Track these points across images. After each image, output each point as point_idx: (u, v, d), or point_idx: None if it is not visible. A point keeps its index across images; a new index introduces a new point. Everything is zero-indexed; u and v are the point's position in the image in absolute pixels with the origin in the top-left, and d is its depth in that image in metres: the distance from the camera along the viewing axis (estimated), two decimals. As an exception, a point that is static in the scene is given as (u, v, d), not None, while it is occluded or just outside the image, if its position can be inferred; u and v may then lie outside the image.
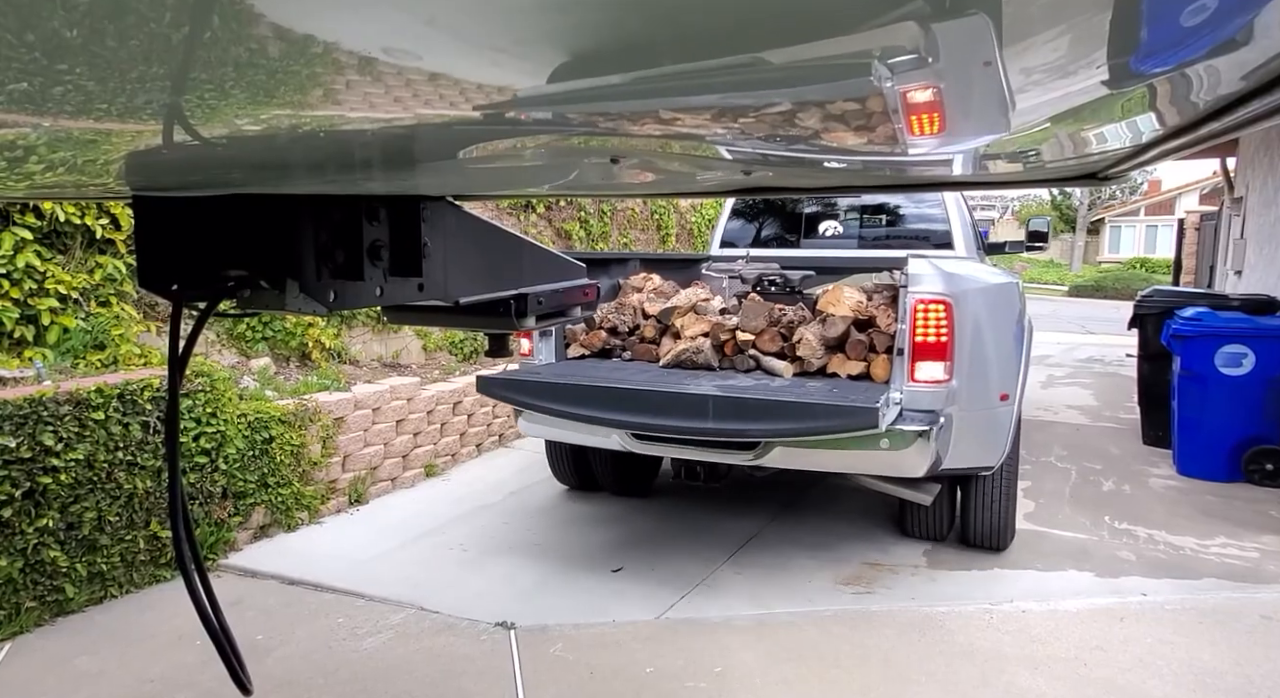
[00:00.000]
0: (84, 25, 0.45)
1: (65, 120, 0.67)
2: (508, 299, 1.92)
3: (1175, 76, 0.61)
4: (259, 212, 1.37)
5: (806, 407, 3.34)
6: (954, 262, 3.98)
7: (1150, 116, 0.74)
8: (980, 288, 3.77)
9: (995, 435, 3.83)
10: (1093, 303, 22.85)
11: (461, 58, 0.52)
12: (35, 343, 4.30)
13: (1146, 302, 6.34)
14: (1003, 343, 3.84)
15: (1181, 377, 5.60)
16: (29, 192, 2.07)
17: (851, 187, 1.42)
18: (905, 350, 3.55)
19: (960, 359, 3.54)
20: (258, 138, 0.78)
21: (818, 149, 0.92)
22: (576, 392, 3.72)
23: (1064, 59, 0.57)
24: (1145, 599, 3.76)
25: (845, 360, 3.98)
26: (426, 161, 0.99)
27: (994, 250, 6.41)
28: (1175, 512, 4.95)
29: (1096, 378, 9.98)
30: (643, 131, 0.78)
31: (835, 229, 5.99)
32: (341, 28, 0.46)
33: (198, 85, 0.58)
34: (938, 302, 3.50)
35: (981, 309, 3.70)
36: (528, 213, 8.94)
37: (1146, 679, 3.06)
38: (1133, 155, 0.89)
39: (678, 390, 3.56)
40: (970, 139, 0.91)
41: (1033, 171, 1.09)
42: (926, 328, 3.50)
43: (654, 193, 2.88)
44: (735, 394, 3.48)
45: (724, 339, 4.18)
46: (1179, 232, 16.09)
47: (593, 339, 4.53)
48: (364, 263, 1.46)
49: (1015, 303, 4.08)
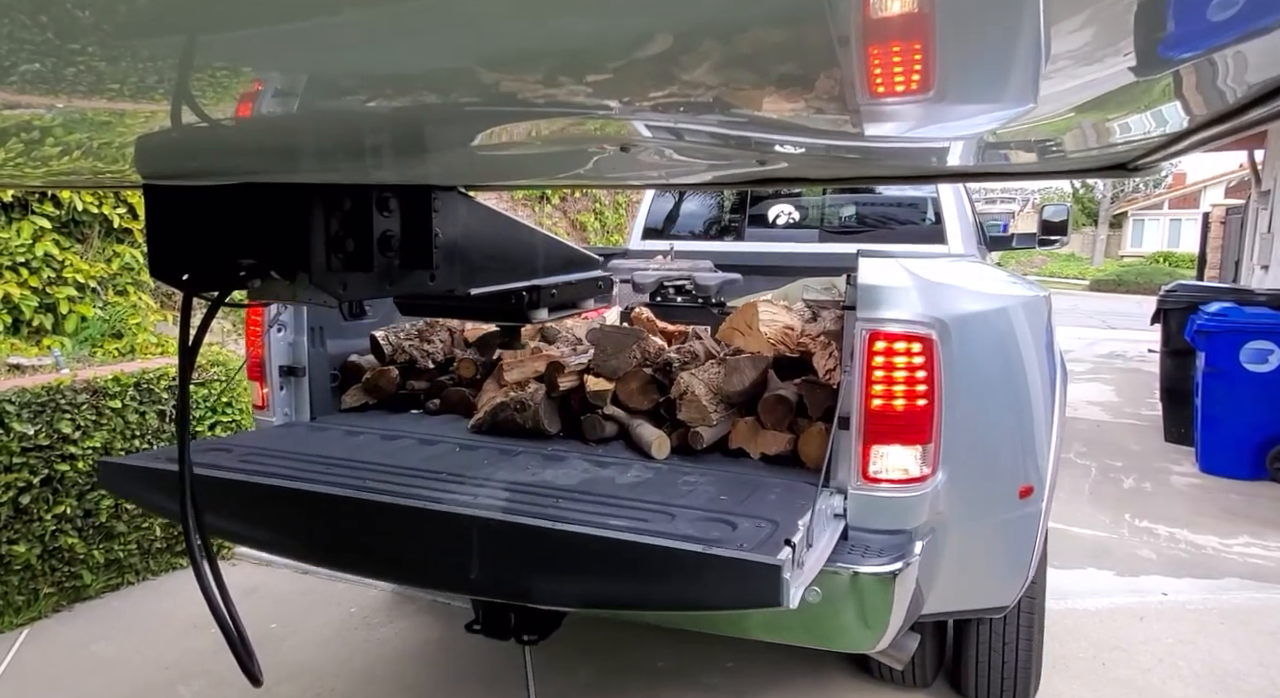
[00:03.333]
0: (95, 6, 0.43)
1: (79, 100, 0.66)
2: (520, 290, 1.90)
3: (1218, 58, 0.58)
4: (270, 201, 1.36)
5: (641, 556, 1.67)
6: (942, 265, 2.33)
7: (1182, 105, 0.71)
8: (986, 311, 2.22)
9: (1012, 556, 2.34)
10: (1114, 297, 22.58)
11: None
12: (54, 331, 4.34)
13: (1170, 296, 6.23)
14: (1023, 401, 2.27)
15: (1205, 373, 5.51)
16: (46, 179, 2.08)
17: (870, 177, 1.39)
18: (855, 422, 1.99)
19: (953, 435, 2.01)
20: (267, 120, 0.76)
21: (762, 125, 0.77)
22: (246, 495, 2.10)
23: (1090, 46, 0.54)
24: (1166, 599, 3.71)
25: (757, 429, 2.36)
26: (435, 147, 0.97)
27: (999, 245, 5.15)
28: (1197, 510, 4.88)
29: (1118, 374, 9.86)
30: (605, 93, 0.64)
31: (790, 216, 4.55)
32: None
33: (206, 65, 0.57)
34: (910, 337, 1.95)
35: (988, 346, 2.18)
36: (542, 204, 8.93)
37: (1166, 680, 3.02)
38: (1164, 145, 0.85)
39: (415, 505, 1.90)
40: (978, 111, 0.72)
41: (1055, 162, 1.05)
42: (891, 383, 1.96)
43: (667, 183, 2.82)
44: (519, 519, 1.80)
45: (567, 387, 2.56)
46: (1204, 225, 15.84)
47: (381, 379, 2.88)
48: (374, 253, 1.44)
49: (1042, 331, 2.44)
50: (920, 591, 2.00)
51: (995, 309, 2.27)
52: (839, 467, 2.01)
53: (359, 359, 2.97)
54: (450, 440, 2.50)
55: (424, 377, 2.98)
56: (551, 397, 2.58)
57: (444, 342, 3.11)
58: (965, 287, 2.24)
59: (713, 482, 2.12)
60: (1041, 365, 2.36)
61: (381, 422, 2.74)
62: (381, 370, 2.92)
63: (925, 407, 1.96)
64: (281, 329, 2.75)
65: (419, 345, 3.03)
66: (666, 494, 2.01)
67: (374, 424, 2.70)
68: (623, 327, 2.94)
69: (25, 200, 4.29)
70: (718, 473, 2.21)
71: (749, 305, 2.75)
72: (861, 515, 2.01)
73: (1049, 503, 2.41)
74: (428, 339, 3.07)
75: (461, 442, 2.49)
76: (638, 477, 2.16)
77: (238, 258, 1.43)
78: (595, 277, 2.19)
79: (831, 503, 2.01)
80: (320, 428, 2.68)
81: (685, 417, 2.37)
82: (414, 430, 2.60)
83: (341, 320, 2.91)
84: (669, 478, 2.15)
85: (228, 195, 1.37)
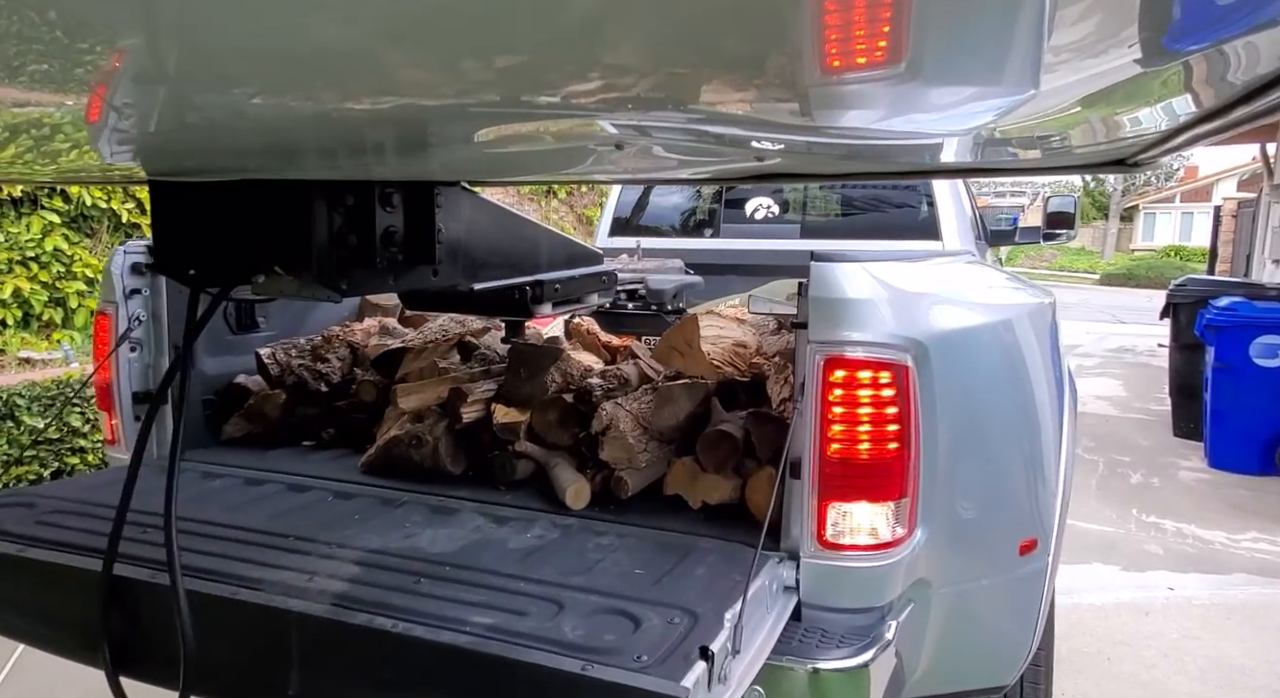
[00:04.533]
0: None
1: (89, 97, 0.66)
2: (523, 285, 1.91)
3: (1212, 54, 0.58)
4: (273, 197, 1.36)
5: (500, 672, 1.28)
6: (924, 268, 1.94)
7: (1184, 98, 0.70)
8: (976, 326, 1.81)
9: (1012, 625, 1.94)
10: (1124, 292, 22.46)
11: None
12: (63, 325, 4.38)
13: (1180, 290, 6.20)
14: (1024, 435, 1.86)
15: (1215, 368, 5.48)
16: (55, 175, 2.10)
17: (869, 173, 1.38)
18: (808, 471, 1.58)
19: (935, 483, 1.62)
20: (268, 117, 0.77)
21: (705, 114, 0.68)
22: (10, 572, 1.67)
23: (1092, 37, 0.54)
24: (1172, 594, 3.70)
25: (697, 473, 1.91)
26: (434, 144, 0.97)
27: (1001, 240, 4.69)
28: (1205, 505, 4.86)
29: (1127, 369, 9.81)
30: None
31: (769, 210, 4.15)
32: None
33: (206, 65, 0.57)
34: (878, 364, 1.54)
35: (980, 371, 1.77)
36: (549, 198, 8.94)
37: (1172, 675, 3.01)
38: (1164, 140, 0.84)
39: (220, 594, 1.47)
40: (964, 95, 0.63)
41: (1056, 157, 1.04)
42: (854, 423, 1.55)
43: (668, 179, 2.79)
44: (346, 617, 1.39)
45: (472, 418, 2.10)
46: (1215, 219, 15.72)
47: (265, 405, 2.42)
48: (377, 249, 1.45)
49: (1047, 348, 1.99)
50: (900, 674, 1.62)
51: (988, 324, 1.83)
52: (791, 525, 1.58)
53: (246, 381, 2.48)
54: (327, 485, 2.03)
55: (317, 401, 2.44)
56: (455, 429, 2.09)
57: (343, 360, 2.55)
58: (951, 295, 1.83)
59: (632, 545, 1.69)
60: (1046, 389, 1.92)
61: (258, 458, 2.23)
62: (266, 395, 2.41)
63: (898, 452, 1.52)
64: (136, 348, 2.24)
65: (311, 365, 2.49)
66: (566, 567, 1.56)
67: (247, 462, 2.21)
68: (539, 344, 2.34)
69: (35, 195, 4.32)
70: (642, 531, 1.76)
71: (689, 319, 2.21)
72: (819, 590, 1.57)
73: (1056, 557, 1.97)
74: (323, 357, 2.51)
75: (340, 487, 2.02)
76: (539, 538, 1.72)
77: (241, 254, 1.44)
78: (599, 271, 2.19)
79: (780, 574, 1.57)
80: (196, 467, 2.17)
81: (609, 457, 1.89)
82: (292, 470, 2.13)
83: (227, 334, 2.50)
84: (578, 540, 1.71)
85: (232, 191, 1.38)
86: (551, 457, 2.05)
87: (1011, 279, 2.29)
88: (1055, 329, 2.13)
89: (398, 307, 2.95)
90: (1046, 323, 2.06)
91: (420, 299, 2.00)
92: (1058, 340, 2.12)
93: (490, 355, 2.47)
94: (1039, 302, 2.09)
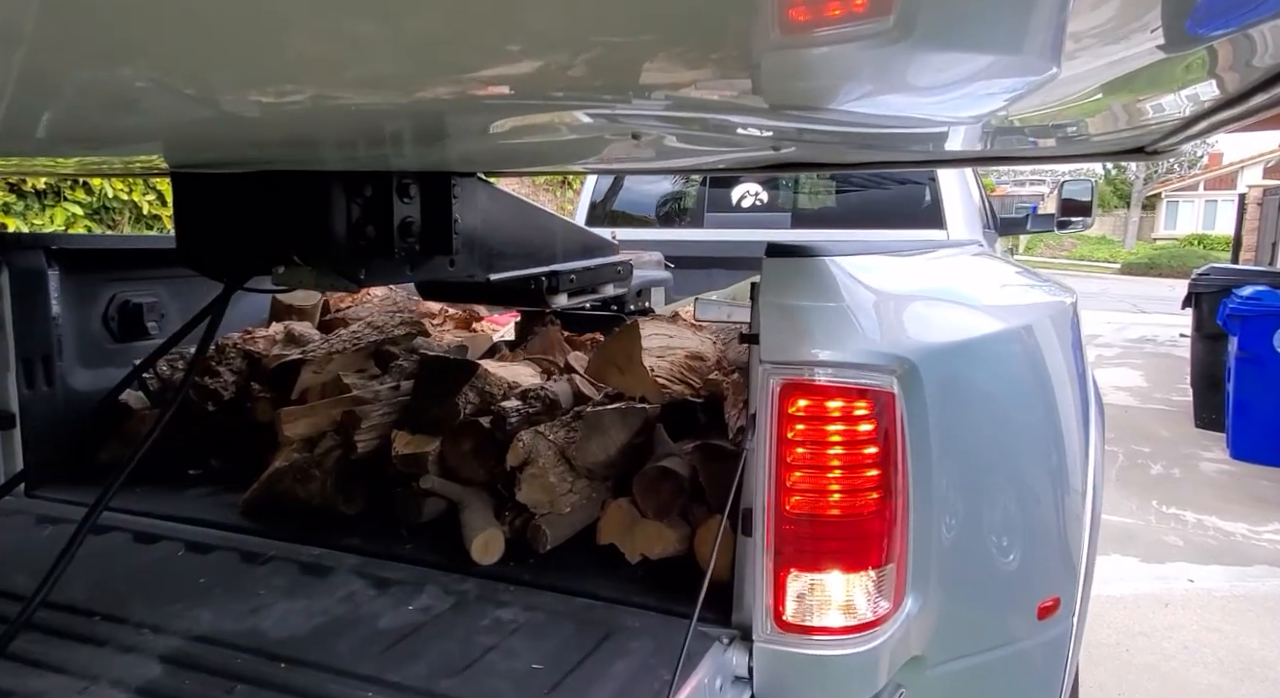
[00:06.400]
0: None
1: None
2: (539, 276, 1.92)
3: (1237, 38, 0.57)
4: (292, 189, 1.38)
5: None
6: (922, 263, 1.63)
7: (1208, 84, 0.69)
8: (984, 337, 1.44)
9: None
10: (1146, 281, 22.19)
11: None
12: (88, 317, 4.44)
13: (1203, 279, 6.12)
14: (1044, 470, 1.53)
15: (1238, 358, 5.41)
16: (79, 168, 2.12)
17: (884, 163, 1.35)
18: (762, 530, 1.18)
19: (931, 540, 1.25)
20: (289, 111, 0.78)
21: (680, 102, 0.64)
22: None
23: (1115, 22, 0.53)
24: (1192, 585, 3.67)
25: (634, 518, 1.56)
26: (450, 136, 0.98)
27: (1011, 229, 4.40)
28: (1227, 497, 4.81)
29: (1147, 359, 9.71)
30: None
31: (758, 198, 3.84)
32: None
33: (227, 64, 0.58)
34: (853, 392, 1.14)
35: (988, 393, 1.40)
36: (564, 189, 8.94)
37: (1191, 667, 2.99)
38: (1185, 126, 0.83)
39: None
40: (971, 65, 0.53)
41: (1074, 145, 1.03)
42: (823, 469, 1.17)
43: (683, 169, 2.76)
44: None
45: (369, 448, 1.78)
46: (1240, 207, 15.47)
47: (142, 428, 1.99)
48: (395, 239, 1.46)
49: (1071, 357, 1.69)
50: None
51: (997, 333, 1.44)
52: (744, 592, 1.20)
53: (130, 397, 2.10)
54: (186, 534, 1.64)
55: (205, 423, 2.01)
56: (351, 460, 1.74)
57: (238, 373, 2.11)
58: (950, 297, 1.48)
59: (540, 623, 1.32)
60: (1070, 412, 1.56)
61: (122, 494, 1.61)
62: (142, 415, 2.06)
63: (880, 504, 1.15)
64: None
65: (197, 379, 2.06)
66: (443, 661, 1.22)
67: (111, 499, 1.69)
68: (450, 356, 1.97)
69: (58, 188, 4.37)
70: (558, 600, 1.38)
71: (629, 327, 1.83)
72: (779, 685, 1.19)
73: (1082, 617, 1.62)
74: (213, 370, 2.09)
75: (202, 535, 1.64)
76: (424, 612, 1.36)
77: (262, 244, 1.46)
78: (614, 262, 2.20)
79: (727, 662, 1.20)
80: (7, 511, 1.76)
81: (526, 498, 1.53)
82: (153, 511, 1.74)
83: (109, 342, 2.10)
84: (471, 615, 1.35)
85: (252, 183, 1.39)
86: (466, 495, 1.67)
87: (1025, 274, 1.99)
88: (1079, 335, 1.80)
89: (316, 307, 2.54)
90: (1068, 328, 1.72)
91: (437, 290, 2.01)
92: (1082, 348, 1.78)
93: (414, 368, 2.04)
94: (1059, 301, 1.76)
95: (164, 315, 2.21)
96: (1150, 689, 2.87)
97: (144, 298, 2.15)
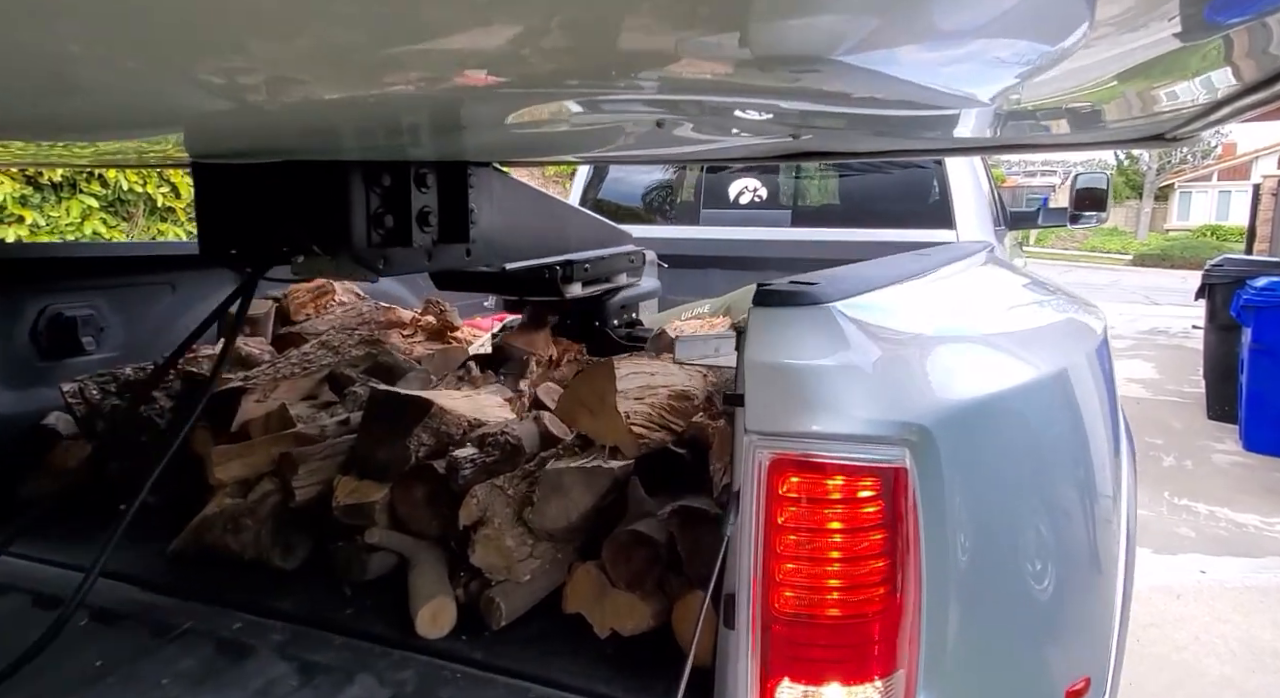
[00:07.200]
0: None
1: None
2: (554, 265, 1.94)
3: (1254, 26, 0.57)
4: (312, 179, 1.40)
5: None
6: (935, 289, 1.35)
7: (1224, 72, 0.70)
8: (1012, 389, 1.14)
9: None
10: (1159, 272, 22.03)
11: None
12: (104, 308, 4.48)
13: (1216, 270, 6.09)
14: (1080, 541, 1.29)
15: (1252, 349, 5.38)
16: (95, 159, 2.13)
17: (900, 150, 1.35)
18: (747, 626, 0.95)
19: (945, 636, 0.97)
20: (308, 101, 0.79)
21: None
22: None
23: (1133, 11, 0.54)
24: (1204, 577, 3.67)
25: (604, 586, 1.32)
26: (468, 126, 0.99)
27: (1022, 223, 4.10)
28: (1239, 488, 4.79)
29: (1160, 351, 9.65)
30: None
31: (756, 194, 3.62)
32: None
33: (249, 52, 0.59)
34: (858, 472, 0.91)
35: (1016, 457, 1.13)
36: (571, 181, 8.93)
37: (1202, 657, 3.00)
38: (1203, 114, 0.83)
39: None
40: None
41: (1090, 132, 1.03)
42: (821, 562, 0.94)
43: (702, 159, 2.77)
44: None
45: (306, 495, 1.55)
46: (1254, 197, 15.33)
47: (67, 458, 1.80)
48: (413, 228, 1.48)
49: (1107, 401, 1.45)
50: None
51: (1029, 383, 1.19)
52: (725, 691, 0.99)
53: (58, 422, 1.86)
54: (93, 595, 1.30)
55: (137, 454, 1.71)
56: (291, 506, 1.52)
57: (177, 397, 1.86)
58: (969, 336, 1.23)
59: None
60: (1106, 467, 1.37)
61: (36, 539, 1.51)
62: (68, 445, 1.81)
63: (887, 601, 0.94)
64: None
65: (126, 406, 1.77)
66: None
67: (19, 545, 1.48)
68: (402, 392, 1.67)
69: (74, 180, 4.41)
70: (513, 688, 1.18)
71: (603, 364, 1.60)
72: None
73: (1114, 690, 1.47)
74: (148, 394, 1.80)
75: (113, 596, 1.38)
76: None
77: (282, 234, 1.47)
78: (627, 251, 2.21)
79: None
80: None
81: (480, 562, 1.34)
82: (65, 561, 1.48)
83: (35, 360, 1.88)
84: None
85: (272, 173, 1.41)
86: (417, 550, 1.45)
87: (1049, 292, 1.74)
88: (1111, 370, 1.54)
89: (268, 316, 2.28)
90: (1103, 363, 1.48)
91: (454, 279, 2.03)
92: (1114, 387, 1.53)
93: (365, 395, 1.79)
94: (1091, 328, 1.52)
95: (103, 329, 1.99)
96: (1161, 680, 2.87)
97: (79, 310, 1.92)
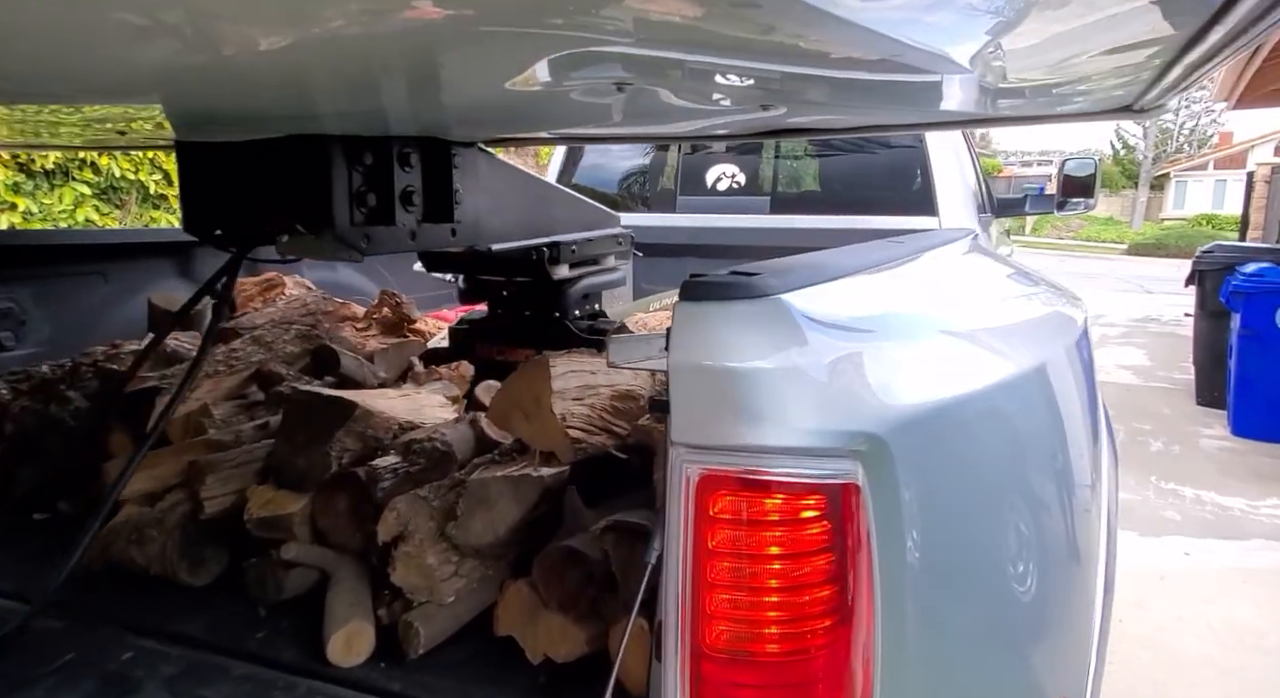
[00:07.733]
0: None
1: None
2: (540, 246, 1.94)
3: None
4: (294, 157, 1.40)
5: None
6: (898, 281, 1.19)
7: (1165, 25, 0.70)
8: (981, 391, 0.98)
9: None
10: (1153, 262, 22.07)
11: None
12: (96, 295, 4.48)
13: (1207, 257, 6.12)
14: (1058, 552, 1.15)
15: (1240, 335, 5.42)
16: (84, 136, 2.11)
17: (880, 126, 1.36)
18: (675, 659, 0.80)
19: (903, 664, 0.82)
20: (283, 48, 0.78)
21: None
22: None
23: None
24: (1189, 558, 3.71)
25: (536, 606, 1.19)
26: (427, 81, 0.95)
27: (1008, 210, 4.08)
28: (1226, 473, 4.84)
29: (1151, 338, 9.70)
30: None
31: (734, 180, 3.51)
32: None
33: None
34: (797, 488, 0.76)
35: (986, 462, 0.98)
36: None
37: (1182, 636, 3.04)
38: (1158, 77, 0.85)
39: None
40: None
41: (1062, 102, 1.04)
42: (755, 590, 0.78)
43: (678, 136, 2.70)
44: None
45: (216, 507, 1.41)
46: (1248, 185, 15.37)
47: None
48: (396, 207, 1.49)
49: (1086, 396, 1.34)
50: None
51: (1002, 382, 1.05)
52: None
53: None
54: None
55: (49, 459, 1.64)
56: (201, 518, 1.40)
57: (94, 397, 1.73)
58: (937, 329, 1.07)
59: None
60: (1086, 471, 1.27)
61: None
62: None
63: (834, 633, 0.80)
64: None
65: (40, 407, 1.68)
66: None
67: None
68: (321, 393, 1.56)
69: (66, 167, 4.41)
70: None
71: (538, 363, 1.42)
72: None
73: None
74: (62, 394, 1.68)
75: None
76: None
77: (265, 214, 1.48)
78: (614, 233, 2.22)
79: None
80: None
81: (400, 580, 1.22)
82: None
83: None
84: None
85: (255, 152, 1.42)
86: (338, 566, 1.34)
87: (1029, 280, 1.64)
88: (1091, 361, 1.44)
89: (206, 309, 2.01)
90: (1083, 355, 1.39)
91: (440, 260, 2.04)
92: (1094, 378, 1.43)
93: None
94: (1071, 319, 1.43)
95: (24, 323, 1.90)
96: (1144, 659, 2.91)
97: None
